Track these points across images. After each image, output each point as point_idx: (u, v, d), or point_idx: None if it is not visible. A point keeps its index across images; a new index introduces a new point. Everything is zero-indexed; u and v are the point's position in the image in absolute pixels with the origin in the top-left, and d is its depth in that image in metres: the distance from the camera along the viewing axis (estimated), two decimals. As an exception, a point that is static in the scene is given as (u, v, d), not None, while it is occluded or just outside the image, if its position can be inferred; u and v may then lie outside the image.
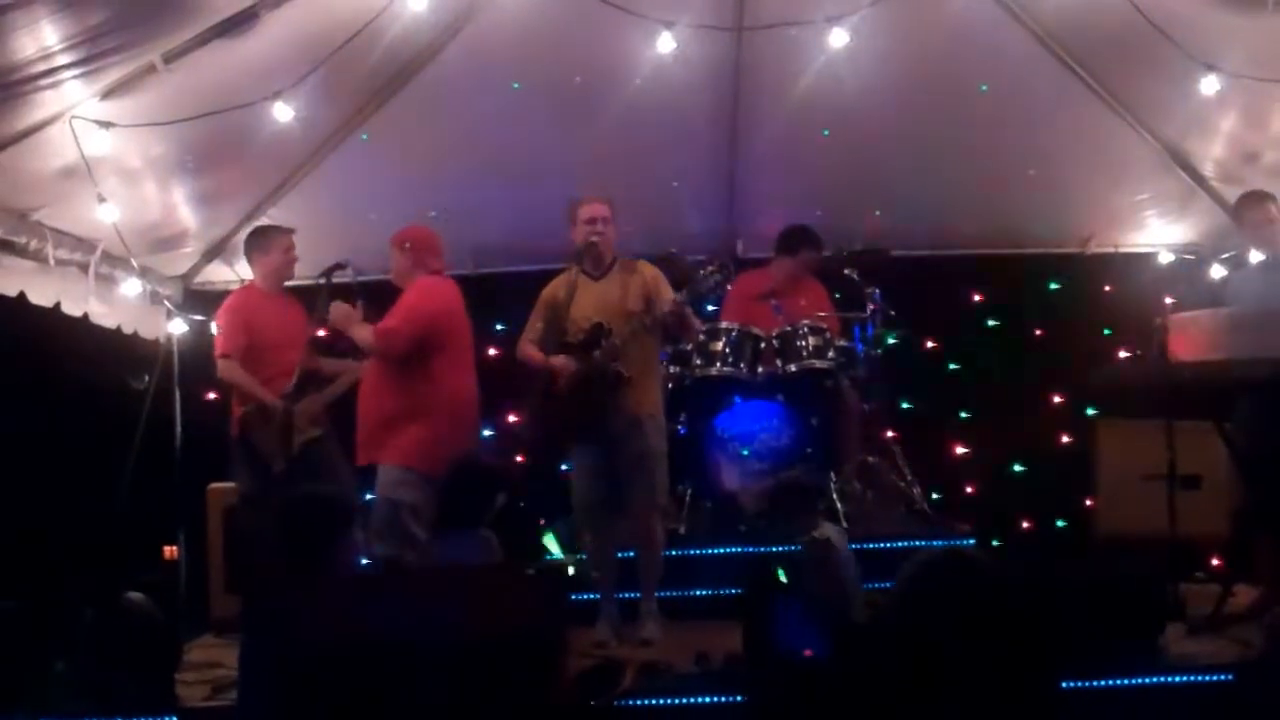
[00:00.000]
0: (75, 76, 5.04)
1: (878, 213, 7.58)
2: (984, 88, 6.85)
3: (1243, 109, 6.36)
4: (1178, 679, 4.85)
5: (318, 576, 4.15)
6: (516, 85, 6.74)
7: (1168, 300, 6.25)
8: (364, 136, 6.86)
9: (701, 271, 5.65)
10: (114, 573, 5.97)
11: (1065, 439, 7.83)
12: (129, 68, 5.25)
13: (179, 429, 6.84)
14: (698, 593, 6.24)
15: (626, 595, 5.86)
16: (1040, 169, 7.38)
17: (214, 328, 6.17)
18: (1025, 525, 7.71)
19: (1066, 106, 6.92)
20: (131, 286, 6.45)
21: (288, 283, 6.35)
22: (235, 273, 7.42)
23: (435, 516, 5.47)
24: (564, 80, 6.65)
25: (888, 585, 4.32)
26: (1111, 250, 8.05)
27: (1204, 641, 5.34)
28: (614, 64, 6.48)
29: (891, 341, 7.41)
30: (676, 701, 4.73)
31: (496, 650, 3.68)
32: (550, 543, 4.58)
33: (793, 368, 6.78)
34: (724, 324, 6.91)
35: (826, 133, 6.88)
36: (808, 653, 4.12)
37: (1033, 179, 7.41)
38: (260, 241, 6.29)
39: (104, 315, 6.30)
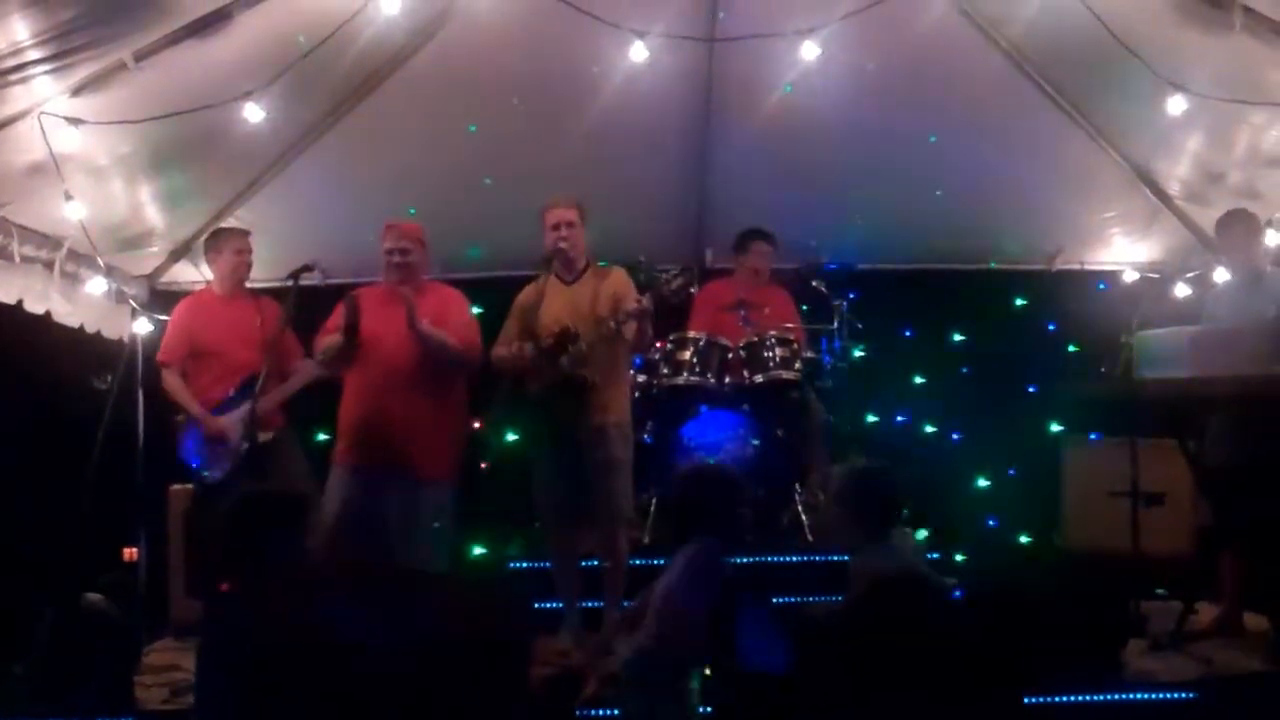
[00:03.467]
0: (45, 72, 5.00)
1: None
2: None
3: (1209, 129, 6.43)
4: (1138, 696, 4.90)
5: (274, 578, 4.10)
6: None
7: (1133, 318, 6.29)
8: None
9: (664, 276, 5.62)
10: (74, 574, 5.90)
11: (1030, 455, 7.86)
12: (100, 65, 5.20)
13: (141, 429, 6.79)
14: (662, 602, 6.21)
15: (589, 604, 5.81)
16: (1008, 185, 7.42)
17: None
18: (990, 541, 7.72)
19: (1035, 123, 6.97)
20: (97, 285, 6.38)
21: (250, 284, 6.34)
22: (201, 273, 7.32)
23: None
24: (536, 87, 6.64)
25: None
26: (1077, 267, 8.10)
27: (1165, 658, 5.39)
28: (586, 71, 6.47)
29: (858, 354, 7.45)
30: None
31: (460, 655, 3.65)
32: None
33: (759, 378, 6.77)
34: (691, 334, 6.90)
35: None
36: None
37: (1001, 194, 7.46)
38: (213, 243, 6.31)
39: (67, 314, 6.22)
